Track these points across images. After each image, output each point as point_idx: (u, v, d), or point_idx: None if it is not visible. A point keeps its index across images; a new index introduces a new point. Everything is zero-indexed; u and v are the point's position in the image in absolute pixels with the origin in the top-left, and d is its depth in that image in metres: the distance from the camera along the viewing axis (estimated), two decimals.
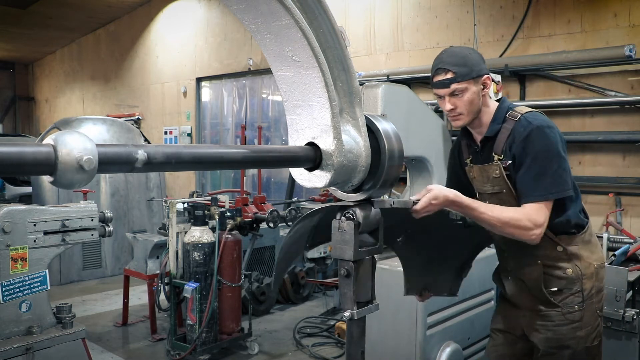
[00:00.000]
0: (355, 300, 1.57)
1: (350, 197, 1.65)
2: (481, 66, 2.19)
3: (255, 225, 5.03)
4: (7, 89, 16.80)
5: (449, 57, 2.18)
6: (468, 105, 2.19)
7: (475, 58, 2.19)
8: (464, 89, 2.16)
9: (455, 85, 2.15)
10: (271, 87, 9.13)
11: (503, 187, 2.20)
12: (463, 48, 2.28)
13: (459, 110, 2.20)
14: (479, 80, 2.18)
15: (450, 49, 2.26)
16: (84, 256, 7.15)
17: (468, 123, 2.26)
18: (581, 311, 2.17)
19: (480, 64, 2.19)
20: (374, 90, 3.63)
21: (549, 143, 2.09)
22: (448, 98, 2.20)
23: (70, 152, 0.96)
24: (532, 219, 2.05)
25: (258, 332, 5.10)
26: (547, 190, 2.07)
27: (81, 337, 3.28)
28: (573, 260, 2.19)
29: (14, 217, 3.09)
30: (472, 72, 2.15)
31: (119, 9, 11.60)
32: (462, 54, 2.19)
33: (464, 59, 2.16)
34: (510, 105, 2.26)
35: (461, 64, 2.15)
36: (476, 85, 2.17)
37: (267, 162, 1.49)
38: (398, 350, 3.48)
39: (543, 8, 5.83)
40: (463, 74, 2.14)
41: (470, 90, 2.16)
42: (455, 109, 2.20)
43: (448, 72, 2.15)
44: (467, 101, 2.18)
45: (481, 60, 2.21)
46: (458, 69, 2.14)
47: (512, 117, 2.19)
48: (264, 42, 1.43)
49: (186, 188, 10.13)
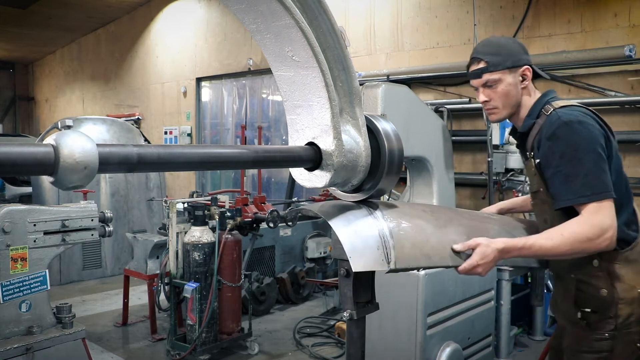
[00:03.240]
0: (355, 300, 1.57)
1: (350, 197, 1.65)
2: (519, 56, 2.02)
3: (255, 225, 5.03)
4: (7, 89, 16.81)
5: (484, 47, 2.05)
6: (503, 98, 2.03)
7: (513, 47, 2.03)
8: (497, 80, 2.00)
9: (488, 75, 2.01)
10: (271, 87, 9.13)
11: (540, 186, 2.00)
12: (503, 37, 2.14)
13: (494, 104, 2.05)
14: (516, 70, 2.01)
15: (488, 38, 2.12)
16: (84, 256, 7.15)
17: (505, 117, 2.10)
18: (612, 340, 1.87)
19: (519, 53, 2.02)
20: (374, 90, 3.63)
21: (578, 140, 1.84)
22: (482, 89, 2.06)
23: (71, 152, 0.96)
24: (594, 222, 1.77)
25: (258, 332, 5.10)
26: (578, 193, 1.81)
27: (81, 337, 3.28)
28: (611, 280, 1.89)
29: (14, 217, 3.09)
30: (507, 61, 1.99)
31: (119, 9, 11.60)
32: (499, 42, 2.06)
33: (499, 47, 2.02)
34: (550, 98, 2.04)
35: (495, 53, 2.01)
36: (512, 76, 2.01)
37: (267, 162, 1.49)
38: (398, 350, 3.48)
39: (543, 8, 5.83)
40: (496, 63, 1.99)
41: (504, 82, 2.01)
42: (490, 102, 2.06)
43: (481, 61, 2.02)
44: (502, 93, 2.02)
45: (521, 50, 2.03)
46: (491, 58, 2.00)
47: (545, 111, 1.98)
48: (264, 42, 1.43)
49: (186, 188, 10.13)
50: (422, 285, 3.39)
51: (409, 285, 3.43)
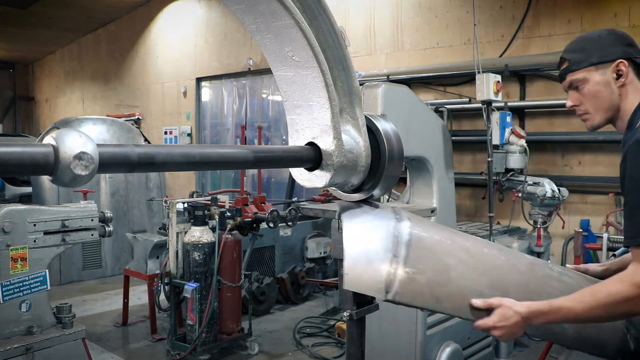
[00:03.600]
0: (355, 300, 1.57)
1: (350, 197, 1.64)
2: (609, 49, 1.69)
3: (255, 225, 5.03)
4: (7, 89, 16.80)
5: (571, 44, 1.78)
6: (591, 100, 1.72)
7: (603, 40, 1.71)
8: (582, 80, 1.71)
9: (570, 75, 1.73)
10: (271, 87, 9.13)
11: None
12: (598, 30, 1.78)
13: (583, 108, 1.75)
14: (606, 67, 1.68)
15: (583, 34, 1.82)
16: (84, 256, 7.15)
17: (602, 123, 1.75)
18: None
19: (610, 46, 1.69)
20: (374, 90, 3.63)
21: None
22: (570, 92, 1.77)
23: (71, 152, 0.96)
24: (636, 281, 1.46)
25: (258, 332, 5.10)
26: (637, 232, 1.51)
27: (81, 337, 3.28)
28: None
29: (14, 217, 3.09)
30: (591, 57, 1.69)
31: (119, 9, 11.59)
32: (588, 36, 1.76)
33: (584, 42, 1.74)
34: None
35: (578, 50, 1.73)
36: (600, 73, 1.69)
37: (267, 162, 1.49)
38: (398, 350, 3.48)
39: (543, 8, 5.83)
40: (577, 61, 1.71)
41: (591, 81, 1.70)
42: (579, 106, 1.76)
43: (565, 61, 1.76)
44: (589, 94, 1.71)
45: (615, 42, 1.70)
46: (573, 56, 1.73)
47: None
48: (264, 42, 1.43)
49: (186, 188, 10.13)
50: None
51: None
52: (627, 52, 1.68)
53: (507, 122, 5.38)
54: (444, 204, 4.11)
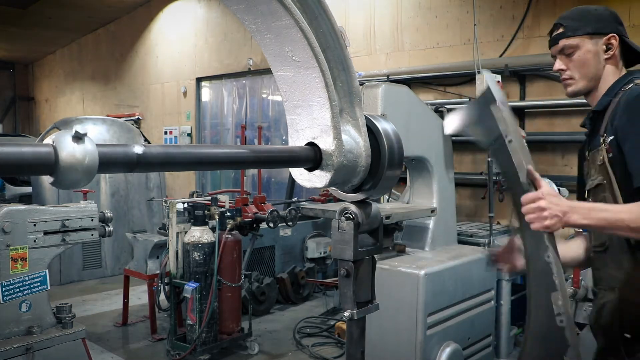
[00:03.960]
0: (355, 300, 1.57)
1: (350, 197, 1.64)
2: (605, 23, 1.80)
3: (255, 225, 5.03)
4: (7, 89, 16.81)
5: (569, 12, 1.88)
6: (579, 67, 1.82)
7: (600, 14, 1.82)
8: (574, 46, 1.81)
9: (564, 41, 1.82)
10: (271, 87, 9.13)
11: (604, 178, 1.75)
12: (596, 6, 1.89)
13: (569, 73, 1.85)
14: (599, 38, 1.79)
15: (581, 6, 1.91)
16: (84, 256, 7.15)
17: (582, 91, 1.87)
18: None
19: (606, 20, 1.81)
20: (374, 90, 3.63)
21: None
22: (559, 57, 1.87)
23: (71, 152, 0.96)
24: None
25: (258, 332, 5.10)
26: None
27: (81, 337, 3.28)
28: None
29: (14, 217, 3.09)
30: (587, 26, 1.79)
31: (119, 9, 11.60)
32: (587, 9, 1.85)
33: (582, 12, 1.84)
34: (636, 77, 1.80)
35: (576, 18, 1.82)
36: (593, 43, 1.80)
37: (267, 162, 1.49)
38: (398, 350, 3.48)
39: (543, 8, 5.82)
40: (574, 28, 1.80)
41: (582, 48, 1.80)
42: (565, 71, 1.86)
43: (560, 27, 1.85)
44: (578, 61, 1.82)
45: (611, 19, 1.82)
46: (569, 23, 1.82)
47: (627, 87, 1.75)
48: (264, 42, 1.43)
49: (186, 188, 10.13)
50: (422, 285, 3.39)
51: (409, 285, 3.43)
52: (619, 29, 1.81)
53: None
54: (444, 204, 4.11)
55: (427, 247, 3.98)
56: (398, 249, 3.87)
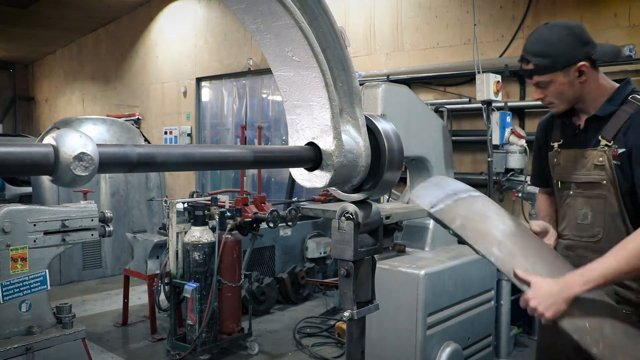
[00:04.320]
0: (355, 300, 1.57)
1: (350, 197, 1.64)
2: (572, 53, 1.85)
3: (255, 225, 5.03)
4: (7, 89, 16.81)
5: (533, 45, 1.92)
6: (557, 96, 1.93)
7: (566, 44, 1.86)
8: (548, 82, 1.90)
9: (536, 77, 1.92)
10: (271, 87, 9.13)
11: (604, 178, 1.88)
12: (556, 30, 1.90)
13: (549, 99, 1.97)
14: (570, 69, 1.87)
15: (541, 31, 1.93)
16: (84, 256, 7.15)
17: (567, 109, 1.99)
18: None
19: (573, 50, 1.85)
20: (374, 90, 3.63)
21: None
22: (535, 87, 1.98)
23: (71, 153, 0.96)
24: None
25: (258, 332, 5.10)
26: None
27: (81, 337, 3.28)
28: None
29: (14, 217, 3.09)
30: (557, 63, 1.86)
31: (119, 9, 11.60)
32: (550, 40, 1.88)
33: (549, 47, 1.87)
34: (635, 88, 1.92)
35: (544, 54, 1.87)
36: (565, 74, 1.88)
37: (268, 162, 1.49)
38: (398, 350, 3.48)
39: (543, 8, 5.83)
40: (544, 67, 1.87)
41: (556, 82, 1.89)
42: (544, 98, 1.97)
43: (529, 63, 1.92)
44: (555, 92, 1.92)
45: (576, 45, 1.86)
46: (539, 61, 1.88)
47: (637, 100, 1.85)
48: (264, 42, 1.43)
49: (186, 188, 10.13)
50: (422, 285, 3.39)
51: (409, 285, 3.43)
52: (587, 53, 1.87)
53: (507, 122, 5.38)
54: None
55: (427, 247, 3.98)
56: (398, 249, 3.87)
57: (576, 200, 2.01)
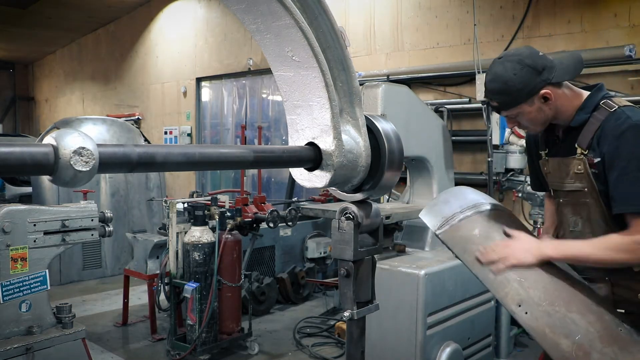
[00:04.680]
0: (355, 300, 1.57)
1: (350, 197, 1.65)
2: (531, 84, 1.89)
3: (255, 225, 5.03)
4: (7, 89, 16.81)
5: (491, 83, 1.96)
6: (529, 122, 2.00)
7: (521, 78, 1.88)
8: (515, 114, 1.97)
9: (504, 112, 1.99)
10: (271, 87, 9.13)
11: (585, 185, 1.93)
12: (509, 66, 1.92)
13: (524, 126, 2.04)
14: (533, 98, 1.91)
15: (495, 69, 1.95)
16: (84, 256, 7.15)
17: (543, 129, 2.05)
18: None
19: (530, 81, 1.88)
20: (374, 90, 3.63)
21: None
22: (507, 119, 2.05)
23: (70, 148, 0.96)
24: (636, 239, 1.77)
25: (258, 332, 5.10)
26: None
27: (81, 337, 3.28)
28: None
29: (14, 217, 3.09)
30: (519, 97, 1.91)
31: (119, 9, 11.60)
32: (505, 77, 1.90)
33: (506, 85, 1.90)
34: (606, 94, 1.95)
35: (503, 93, 1.92)
36: (531, 105, 1.92)
37: (268, 162, 1.49)
38: (398, 350, 3.48)
39: (543, 8, 5.83)
40: (507, 103, 1.94)
41: (524, 112, 1.95)
42: (519, 125, 2.05)
43: (493, 101, 1.99)
44: (527, 120, 1.99)
45: (532, 76, 1.88)
46: (501, 99, 1.95)
47: (607, 106, 1.89)
48: (264, 42, 1.43)
49: (186, 188, 10.13)
50: (422, 285, 3.39)
51: (409, 285, 3.43)
52: (545, 79, 1.90)
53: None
54: None
55: (427, 247, 3.98)
56: (398, 249, 3.86)
57: (567, 207, 2.07)
